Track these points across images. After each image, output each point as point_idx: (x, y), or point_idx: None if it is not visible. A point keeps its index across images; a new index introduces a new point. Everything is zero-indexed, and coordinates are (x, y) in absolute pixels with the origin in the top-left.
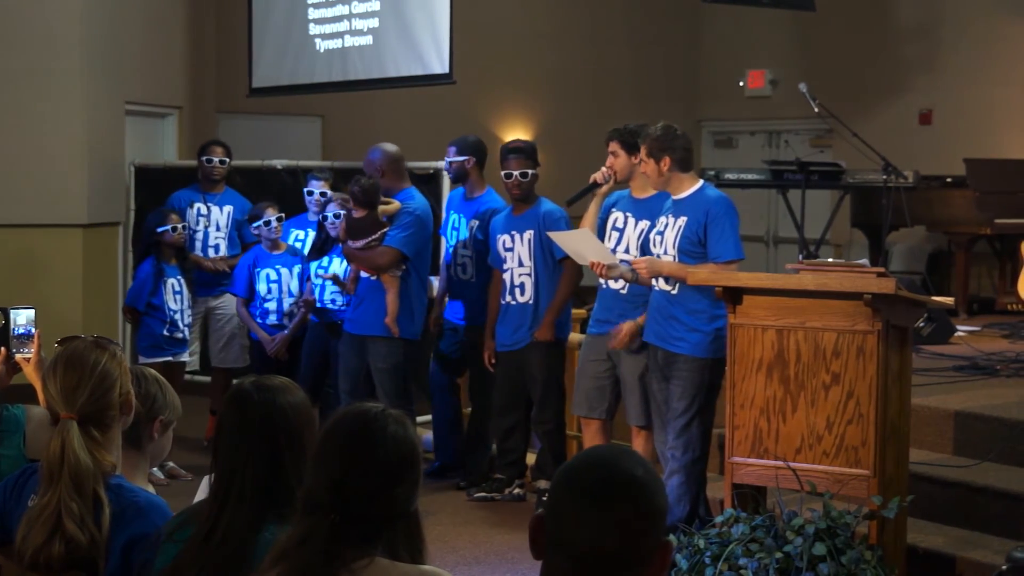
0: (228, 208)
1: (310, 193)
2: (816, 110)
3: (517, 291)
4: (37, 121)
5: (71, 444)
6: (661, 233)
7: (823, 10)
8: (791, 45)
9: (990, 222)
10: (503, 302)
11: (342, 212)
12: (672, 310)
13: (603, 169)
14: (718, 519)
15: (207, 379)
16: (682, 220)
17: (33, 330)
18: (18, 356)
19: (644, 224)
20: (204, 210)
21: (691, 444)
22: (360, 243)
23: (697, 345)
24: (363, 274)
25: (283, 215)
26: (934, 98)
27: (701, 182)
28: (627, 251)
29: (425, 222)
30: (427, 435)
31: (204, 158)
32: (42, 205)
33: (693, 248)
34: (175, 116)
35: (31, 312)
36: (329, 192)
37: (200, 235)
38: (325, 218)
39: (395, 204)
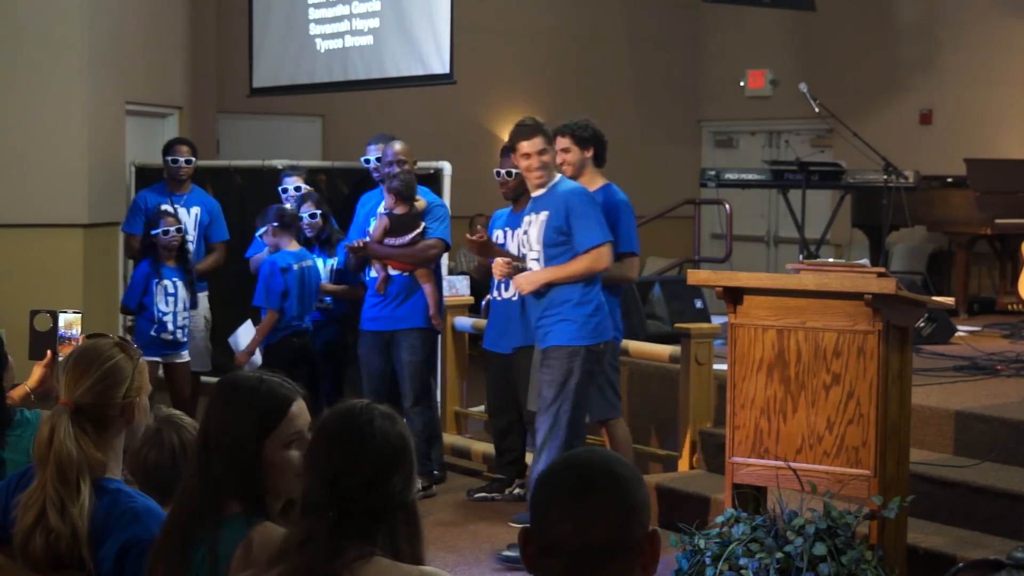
0: (195, 209)
1: (284, 191)
2: (816, 110)
3: (503, 286)
4: (38, 121)
5: (59, 429)
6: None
7: (823, 10)
8: (791, 45)
9: (990, 222)
10: (492, 297)
11: (318, 212)
12: (541, 311)
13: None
14: (718, 519)
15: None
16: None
17: (76, 333)
18: (61, 360)
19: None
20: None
21: (558, 431)
22: (406, 239)
23: (564, 333)
24: (392, 271)
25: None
26: (934, 98)
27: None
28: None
29: (449, 214)
30: None
31: (170, 158)
32: (42, 205)
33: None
34: (175, 116)
35: (76, 316)
36: (303, 187)
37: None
38: (300, 219)
39: (422, 201)
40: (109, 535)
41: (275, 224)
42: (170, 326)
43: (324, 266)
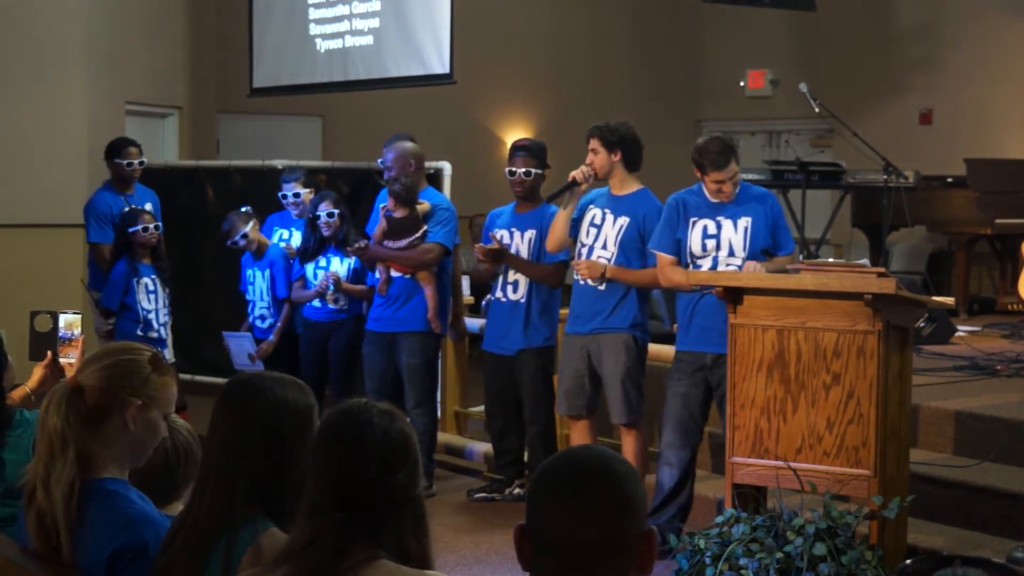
0: (148, 205)
1: (284, 196)
2: (816, 110)
3: (510, 288)
4: (38, 121)
5: (52, 402)
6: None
7: (823, 10)
8: (791, 45)
9: (990, 222)
10: (493, 298)
11: (336, 211)
12: (723, 313)
13: (583, 168)
14: (718, 519)
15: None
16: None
17: (76, 334)
18: (63, 361)
19: (623, 220)
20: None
21: None
22: (403, 242)
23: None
24: (394, 273)
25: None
26: (934, 98)
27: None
28: (604, 247)
29: (455, 217)
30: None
31: (124, 162)
32: (42, 205)
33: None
34: (175, 116)
35: (76, 317)
36: (303, 191)
37: None
38: (317, 217)
39: (426, 204)
40: (101, 538)
41: (249, 227)
42: (155, 324)
43: (342, 265)
